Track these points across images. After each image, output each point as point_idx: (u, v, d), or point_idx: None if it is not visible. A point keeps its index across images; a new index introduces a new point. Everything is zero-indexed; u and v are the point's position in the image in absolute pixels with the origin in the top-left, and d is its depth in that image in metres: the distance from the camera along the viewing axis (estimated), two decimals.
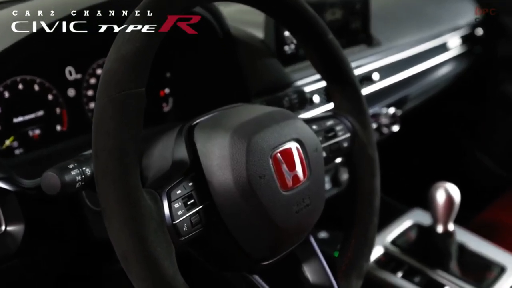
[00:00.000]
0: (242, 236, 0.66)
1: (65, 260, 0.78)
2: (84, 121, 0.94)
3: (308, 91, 1.10)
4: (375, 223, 0.85)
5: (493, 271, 1.26)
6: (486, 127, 2.16)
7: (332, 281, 0.78)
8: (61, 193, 0.61)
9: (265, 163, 0.65)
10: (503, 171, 2.12)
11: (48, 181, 0.60)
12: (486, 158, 2.16)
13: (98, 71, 0.96)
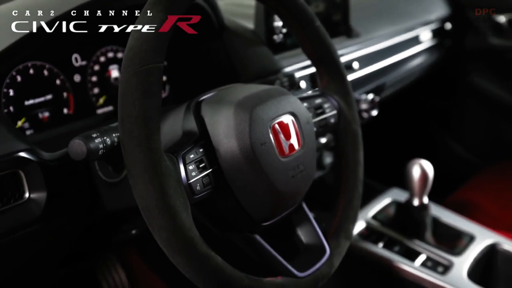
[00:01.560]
0: (245, 198, 0.71)
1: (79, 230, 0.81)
2: (88, 104, 0.97)
3: (296, 76, 1.13)
4: (359, 190, 0.91)
5: (464, 240, 1.30)
6: (456, 116, 2.21)
7: (323, 242, 0.83)
8: (85, 159, 0.66)
9: (265, 132, 0.71)
10: (473, 157, 2.17)
11: (76, 148, 0.65)
12: (456, 145, 2.22)
13: (101, 58, 0.99)
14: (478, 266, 1.24)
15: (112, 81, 1.00)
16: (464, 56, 2.10)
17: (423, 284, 1.17)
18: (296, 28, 0.86)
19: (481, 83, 2.11)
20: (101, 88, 0.98)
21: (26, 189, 0.70)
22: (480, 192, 1.76)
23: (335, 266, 0.82)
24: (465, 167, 2.12)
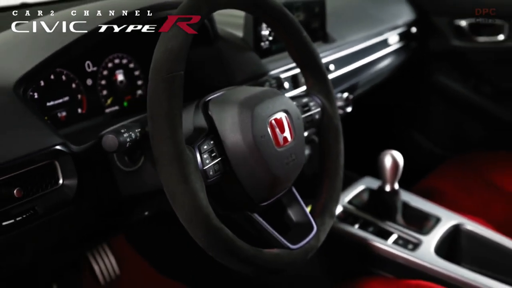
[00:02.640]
0: (247, 182, 0.82)
1: (102, 212, 0.91)
2: (98, 104, 1.05)
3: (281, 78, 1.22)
4: (341, 176, 1.01)
5: (431, 221, 1.39)
6: (422, 112, 2.31)
7: (311, 220, 0.93)
8: (116, 151, 0.76)
9: (264, 126, 0.82)
10: (438, 149, 2.29)
11: (109, 141, 0.76)
12: (423, 138, 2.33)
13: (109, 64, 1.06)
14: (443, 243, 1.33)
15: (118, 83, 1.09)
16: (429, 57, 2.19)
17: (395, 259, 1.27)
18: (285, 38, 0.97)
19: (444, 82, 2.21)
20: (108, 90, 1.07)
21: (60, 176, 0.78)
22: (444, 180, 1.86)
23: (321, 240, 0.93)
24: (431, 158, 2.22)
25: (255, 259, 0.78)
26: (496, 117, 2.19)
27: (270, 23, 0.96)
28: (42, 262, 0.99)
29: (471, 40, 2.08)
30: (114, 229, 1.18)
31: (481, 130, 2.27)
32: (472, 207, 1.64)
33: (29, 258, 0.84)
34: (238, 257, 0.76)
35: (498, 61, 2.11)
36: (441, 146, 2.30)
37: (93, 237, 1.09)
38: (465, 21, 2.06)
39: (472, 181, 1.88)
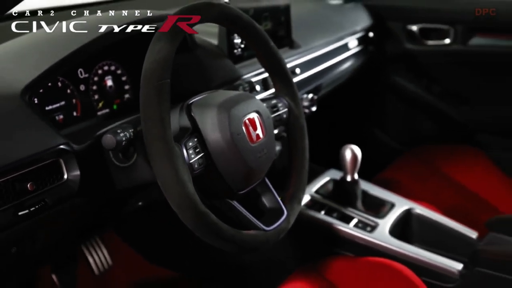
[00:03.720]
0: (226, 173, 0.92)
1: (102, 203, 1.00)
2: (91, 108, 1.10)
3: (253, 81, 1.30)
4: (306, 168, 1.12)
5: (386, 206, 1.50)
6: (380, 109, 2.40)
7: (281, 206, 1.04)
8: (114, 149, 0.86)
9: (240, 125, 0.92)
10: (395, 144, 2.39)
11: (108, 140, 0.85)
12: (381, 134, 2.42)
13: (99, 71, 1.12)
14: (397, 225, 1.44)
15: (107, 88, 1.15)
16: (385, 59, 2.29)
17: (355, 240, 1.37)
18: (255, 48, 1.07)
19: (399, 82, 2.31)
20: (99, 95, 1.13)
21: (65, 172, 0.86)
22: (400, 171, 1.99)
23: (291, 223, 1.04)
24: (388, 152, 2.31)
25: (235, 239, 0.89)
26: (446, 114, 2.30)
27: (242, 35, 1.06)
28: (46, 253, 1.06)
29: (422, 43, 2.19)
30: (112, 219, 1.25)
31: (433, 126, 2.38)
32: (424, 195, 1.76)
33: (40, 245, 0.91)
34: (221, 237, 0.86)
35: (445, 63, 2.22)
36: (398, 141, 2.40)
37: (95, 226, 1.16)
38: (416, 26, 2.17)
39: (425, 172, 2.01)
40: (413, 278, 1.25)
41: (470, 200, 1.88)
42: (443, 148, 2.20)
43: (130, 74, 1.16)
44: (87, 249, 1.64)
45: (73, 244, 1.33)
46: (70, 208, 0.89)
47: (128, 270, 1.73)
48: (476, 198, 1.89)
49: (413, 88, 2.31)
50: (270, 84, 1.37)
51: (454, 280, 1.29)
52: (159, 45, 0.84)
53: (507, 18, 2.05)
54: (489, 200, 1.87)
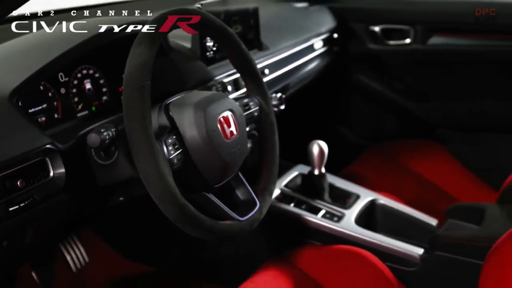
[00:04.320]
0: (203, 168, 0.98)
1: (85, 199, 1.03)
2: (71, 110, 1.13)
3: (225, 82, 1.36)
4: (277, 162, 1.18)
5: (352, 198, 1.57)
6: (345, 107, 2.48)
7: (254, 198, 1.10)
8: (99, 147, 0.91)
9: (215, 123, 0.98)
10: (360, 139, 2.47)
11: (93, 139, 0.90)
12: (346, 130, 2.50)
13: (78, 75, 1.15)
14: (362, 215, 1.52)
15: (86, 91, 1.17)
16: (349, 59, 2.36)
17: (323, 230, 1.44)
18: (228, 50, 1.13)
19: (363, 80, 2.40)
20: (79, 97, 1.16)
21: (51, 170, 0.91)
22: (365, 165, 2.08)
23: (263, 214, 1.10)
24: (353, 148, 2.39)
25: (213, 229, 0.95)
26: (407, 111, 2.39)
27: (215, 39, 1.13)
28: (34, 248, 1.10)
29: (384, 43, 2.28)
30: (95, 215, 1.29)
31: (395, 122, 2.47)
32: (387, 187, 1.84)
33: (29, 239, 0.96)
34: (200, 227, 0.92)
35: (406, 62, 2.31)
36: (362, 137, 2.49)
37: (79, 222, 1.21)
38: (378, 27, 2.26)
39: (388, 165, 2.11)
40: (377, 263, 1.35)
41: (431, 191, 1.98)
42: (405, 143, 2.29)
43: (107, 77, 1.20)
44: (64, 247, 1.68)
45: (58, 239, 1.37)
46: (57, 204, 0.94)
47: (105, 267, 1.77)
48: (436, 189, 2.00)
49: (376, 86, 2.40)
50: (241, 84, 1.43)
51: (416, 264, 1.38)
52: (140, 49, 0.89)
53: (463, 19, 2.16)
54: (448, 190, 1.98)
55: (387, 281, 1.33)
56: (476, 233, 1.38)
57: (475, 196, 1.90)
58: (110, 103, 1.22)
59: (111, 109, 1.14)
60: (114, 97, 1.22)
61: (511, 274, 1.11)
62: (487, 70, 2.22)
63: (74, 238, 1.70)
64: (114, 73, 1.19)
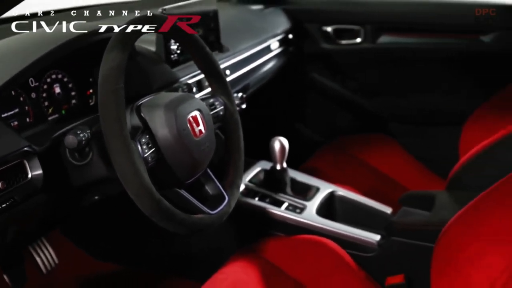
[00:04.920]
0: (174, 165, 1.03)
1: (61, 198, 1.07)
2: (42, 114, 1.15)
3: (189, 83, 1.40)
4: (242, 157, 1.25)
5: (312, 190, 1.64)
6: (301, 104, 2.56)
7: (223, 192, 1.17)
8: (76, 148, 0.96)
9: (185, 122, 1.04)
10: (316, 136, 2.55)
11: (71, 140, 0.94)
12: (303, 127, 2.58)
13: (48, 79, 1.16)
14: (322, 206, 1.60)
15: (56, 95, 1.19)
16: (304, 59, 2.44)
17: (287, 221, 1.52)
18: (193, 53, 1.19)
19: (318, 79, 2.48)
20: (49, 101, 1.17)
21: (29, 171, 0.95)
22: (322, 160, 2.15)
23: (232, 207, 1.16)
24: (310, 144, 2.44)
25: (186, 222, 1.00)
26: (360, 107, 2.50)
27: (181, 42, 1.19)
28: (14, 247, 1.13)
29: (336, 43, 2.38)
30: (71, 214, 1.32)
31: (349, 118, 2.57)
32: (344, 179, 1.92)
33: (10, 239, 0.99)
34: (174, 221, 0.97)
35: (357, 60, 2.42)
36: (318, 133, 2.58)
37: (56, 221, 1.23)
38: (331, 27, 2.36)
39: (344, 159, 2.19)
40: (338, 250, 1.43)
41: (384, 181, 2.09)
42: (359, 138, 2.39)
43: (75, 82, 1.23)
44: (33, 248, 1.69)
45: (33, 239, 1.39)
46: (36, 204, 0.98)
47: (75, 267, 1.79)
48: (388, 180, 2.10)
49: (330, 84, 2.49)
50: (204, 85, 1.48)
51: (374, 250, 1.47)
52: (113, 54, 0.94)
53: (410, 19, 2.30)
54: (400, 180, 2.09)
55: (348, 266, 1.41)
56: (428, 218, 1.48)
57: (425, 185, 2.01)
58: (79, 106, 1.25)
59: (80, 112, 1.19)
60: (82, 100, 1.25)
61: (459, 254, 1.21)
62: (432, 67, 2.35)
63: (42, 239, 1.71)
64: (81, 77, 1.22)
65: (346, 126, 2.58)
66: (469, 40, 2.22)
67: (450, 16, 2.21)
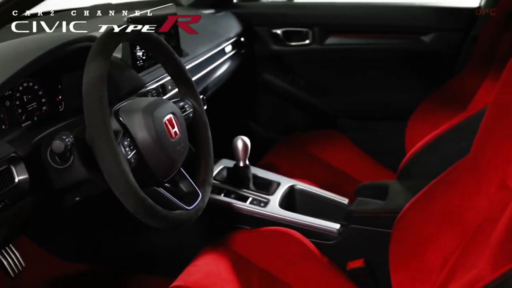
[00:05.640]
0: (153, 165, 1.09)
1: (46, 200, 1.11)
2: (16, 121, 1.18)
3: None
4: (212, 156, 1.32)
5: (274, 185, 1.71)
6: (255, 104, 2.65)
7: (196, 189, 1.24)
8: (63, 152, 1.01)
9: (162, 125, 1.10)
10: (270, 133, 2.65)
11: (58, 145, 0.99)
12: (256, 126, 2.67)
13: (20, 88, 1.20)
14: (284, 199, 1.68)
15: (28, 103, 1.22)
16: (255, 60, 2.53)
17: (253, 215, 1.59)
18: (163, 60, 1.26)
19: (270, 79, 2.59)
20: (22, 109, 1.21)
21: (16, 176, 1.00)
22: (278, 156, 2.25)
23: (205, 202, 1.24)
24: (265, 141, 2.53)
25: (167, 218, 1.07)
26: (311, 104, 2.62)
27: (152, 50, 1.24)
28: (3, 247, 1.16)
29: (286, 44, 2.49)
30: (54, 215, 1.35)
31: (300, 115, 2.68)
32: (301, 174, 2.01)
33: (1, 239, 1.04)
34: (157, 217, 1.03)
35: (307, 60, 2.54)
36: (272, 130, 2.68)
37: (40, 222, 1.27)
38: (280, 30, 2.47)
39: (297, 155, 2.29)
40: (302, 239, 1.53)
41: (337, 174, 2.21)
42: (311, 134, 2.51)
43: (46, 90, 1.27)
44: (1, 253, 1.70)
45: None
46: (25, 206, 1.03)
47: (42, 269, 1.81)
48: (341, 173, 2.23)
49: (281, 84, 2.60)
50: (167, 88, 1.54)
51: (335, 237, 1.57)
52: (95, 63, 1.00)
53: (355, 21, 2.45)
54: (352, 173, 2.22)
55: (312, 254, 1.51)
56: (384, 206, 1.60)
57: (375, 177, 2.13)
58: (49, 113, 1.29)
59: (51, 118, 1.23)
60: (52, 107, 1.29)
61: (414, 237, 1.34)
62: (377, 65, 2.51)
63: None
64: (51, 84, 1.26)
65: (298, 123, 2.67)
66: (410, 40, 2.39)
67: (393, 18, 2.38)
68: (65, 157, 1.07)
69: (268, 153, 2.32)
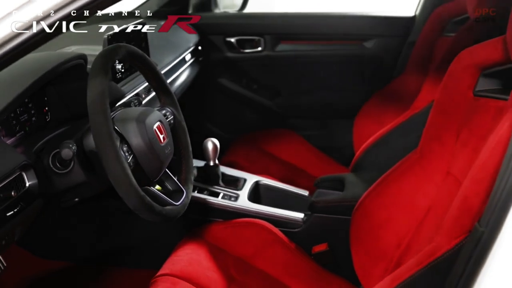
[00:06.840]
0: (146, 167, 1.22)
1: (50, 202, 1.22)
2: (11, 131, 1.23)
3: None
4: (191, 157, 1.45)
5: (241, 181, 1.86)
6: (212, 107, 2.76)
7: (181, 187, 1.36)
8: (71, 158, 1.13)
9: (152, 132, 1.22)
10: (226, 134, 2.77)
11: (67, 151, 1.11)
12: (213, 127, 2.79)
13: None
14: (251, 193, 1.83)
15: (20, 115, 1.29)
16: (212, 66, 2.66)
17: (225, 208, 1.72)
18: (144, 72, 1.37)
19: (225, 83, 2.73)
20: (16, 120, 1.26)
21: (27, 181, 1.10)
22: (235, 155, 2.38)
23: (190, 198, 1.37)
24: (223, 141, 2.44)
25: (162, 213, 1.19)
26: (264, 106, 2.77)
27: (137, 65, 1.35)
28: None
29: (239, 52, 2.64)
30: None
31: (255, 116, 2.83)
32: (258, 170, 2.14)
33: (18, 237, 1.14)
34: (154, 212, 1.15)
35: (259, 65, 2.70)
36: (227, 131, 2.80)
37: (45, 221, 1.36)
38: (234, 38, 2.62)
39: (254, 153, 2.42)
40: (271, 228, 1.68)
41: (293, 170, 2.36)
42: (265, 133, 2.65)
43: (34, 103, 1.35)
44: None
45: None
46: (35, 208, 1.15)
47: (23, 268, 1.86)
48: (297, 169, 2.38)
49: (236, 88, 2.74)
50: (141, 97, 1.66)
51: (300, 226, 1.73)
52: (97, 80, 1.11)
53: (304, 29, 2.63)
54: (306, 169, 2.38)
55: (280, 240, 1.67)
56: (343, 196, 1.76)
57: (329, 171, 2.28)
58: (38, 123, 1.38)
59: (39, 127, 1.32)
60: (40, 117, 1.37)
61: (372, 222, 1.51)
62: (325, 69, 2.69)
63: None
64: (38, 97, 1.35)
65: (252, 124, 2.81)
66: (354, 46, 2.60)
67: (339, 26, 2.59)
68: (65, 162, 1.19)
69: (226, 152, 2.43)
